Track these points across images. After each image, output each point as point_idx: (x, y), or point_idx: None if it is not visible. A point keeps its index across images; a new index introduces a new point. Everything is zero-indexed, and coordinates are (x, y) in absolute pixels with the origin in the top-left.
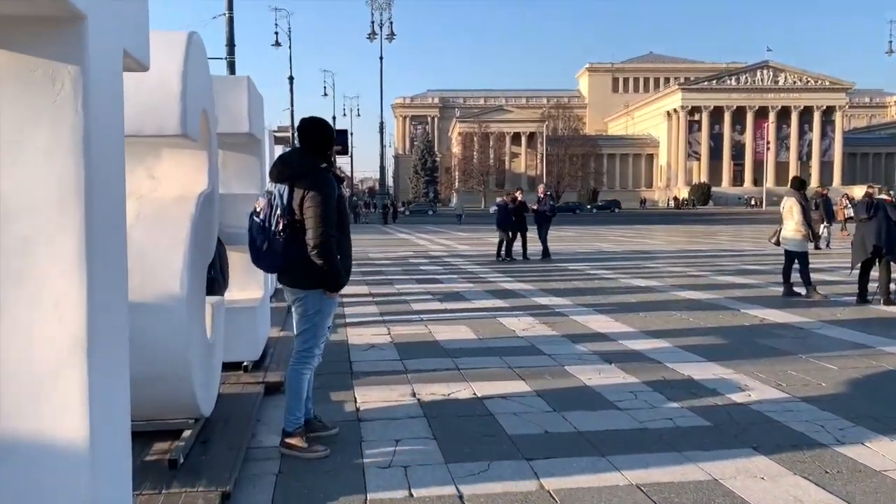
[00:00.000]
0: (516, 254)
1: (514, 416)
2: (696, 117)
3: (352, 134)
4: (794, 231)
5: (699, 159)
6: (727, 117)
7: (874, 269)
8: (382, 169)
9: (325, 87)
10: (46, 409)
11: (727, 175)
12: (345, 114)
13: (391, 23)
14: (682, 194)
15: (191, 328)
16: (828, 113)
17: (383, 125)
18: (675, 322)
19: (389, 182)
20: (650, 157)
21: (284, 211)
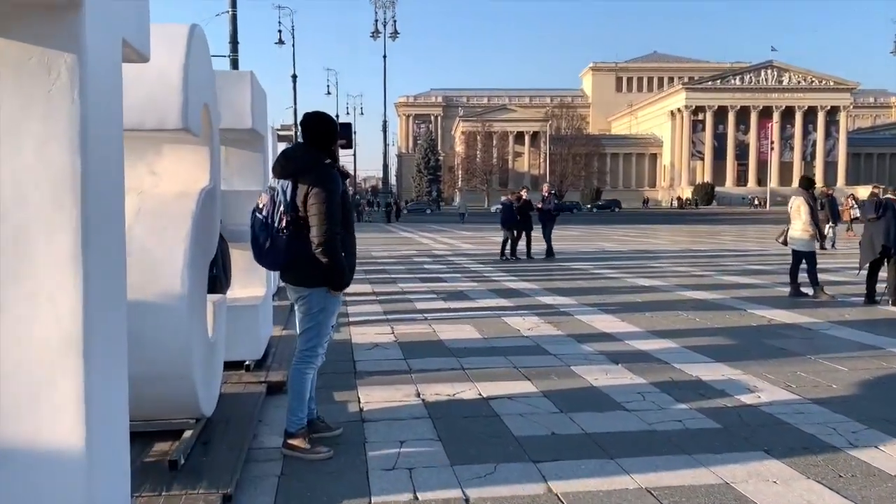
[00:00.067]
0: (520, 253)
1: (520, 417)
2: (700, 117)
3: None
4: (801, 231)
5: (703, 159)
6: (731, 117)
7: (882, 269)
8: (386, 167)
9: (328, 85)
10: (42, 410)
11: (731, 175)
12: (348, 112)
13: (395, 21)
14: (686, 194)
15: (192, 327)
16: (832, 113)
17: (387, 124)
18: (682, 322)
19: (393, 181)
20: (653, 157)
21: (288, 207)
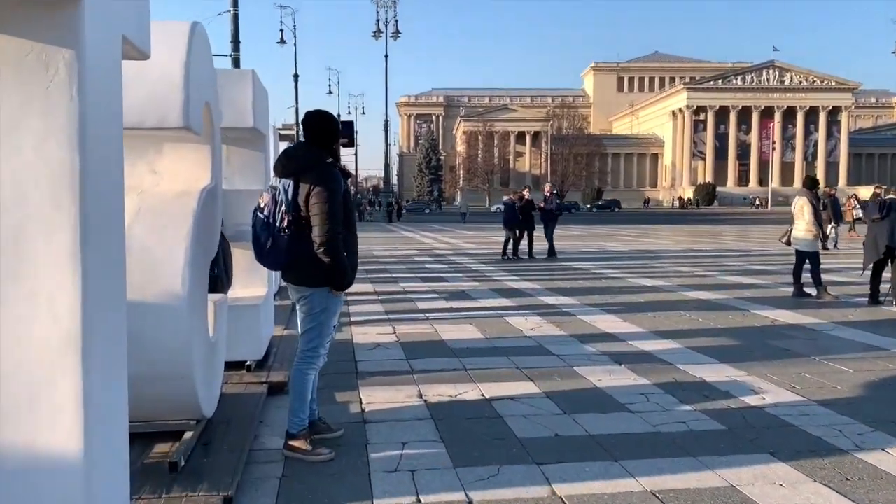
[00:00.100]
0: (522, 252)
1: (523, 419)
2: (702, 117)
3: (357, 132)
4: (804, 231)
5: (704, 159)
6: (732, 117)
7: (886, 269)
8: (387, 167)
9: (329, 85)
10: (41, 411)
11: (732, 175)
12: (349, 111)
13: (396, 21)
14: (687, 194)
15: (192, 326)
16: (834, 113)
17: (388, 123)
18: (685, 322)
19: (394, 180)
20: (655, 157)
21: (289, 207)
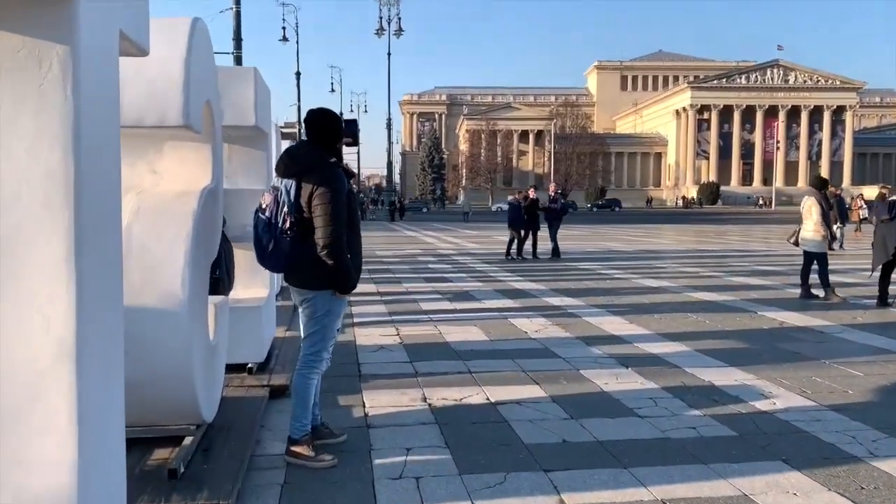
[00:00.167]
0: (526, 252)
1: (529, 424)
2: (706, 116)
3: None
4: (812, 232)
5: (708, 158)
6: (737, 116)
7: (895, 271)
8: (390, 165)
9: (332, 83)
10: (32, 422)
11: (736, 174)
12: (352, 110)
13: (399, 19)
14: (691, 193)
15: (192, 329)
16: (838, 112)
17: (391, 122)
18: (692, 324)
19: (396, 179)
20: (658, 156)
21: (292, 208)
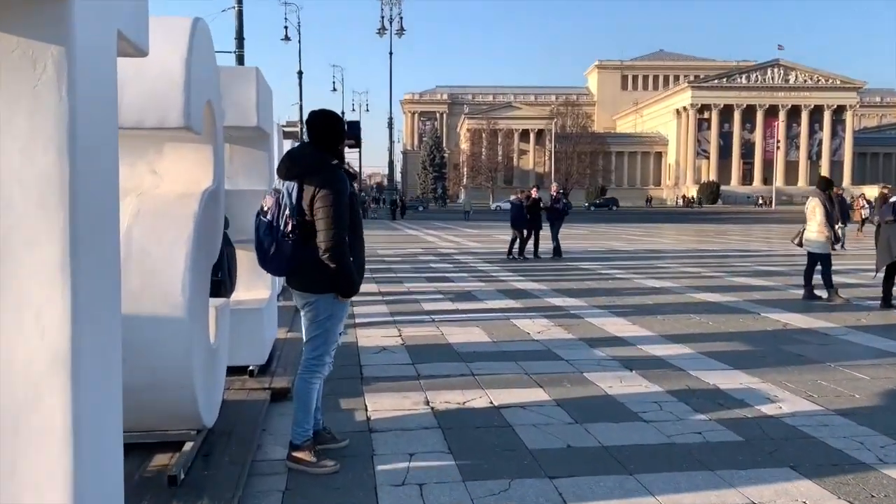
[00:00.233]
0: (527, 252)
1: (533, 428)
2: (706, 115)
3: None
4: (816, 232)
5: (708, 157)
6: (737, 116)
7: None
8: (391, 164)
9: (333, 82)
10: (25, 434)
11: (736, 174)
12: (353, 109)
13: (401, 18)
14: (691, 193)
15: (193, 333)
16: (838, 112)
17: (392, 120)
18: (695, 326)
19: (398, 178)
20: (659, 155)
21: (293, 211)
